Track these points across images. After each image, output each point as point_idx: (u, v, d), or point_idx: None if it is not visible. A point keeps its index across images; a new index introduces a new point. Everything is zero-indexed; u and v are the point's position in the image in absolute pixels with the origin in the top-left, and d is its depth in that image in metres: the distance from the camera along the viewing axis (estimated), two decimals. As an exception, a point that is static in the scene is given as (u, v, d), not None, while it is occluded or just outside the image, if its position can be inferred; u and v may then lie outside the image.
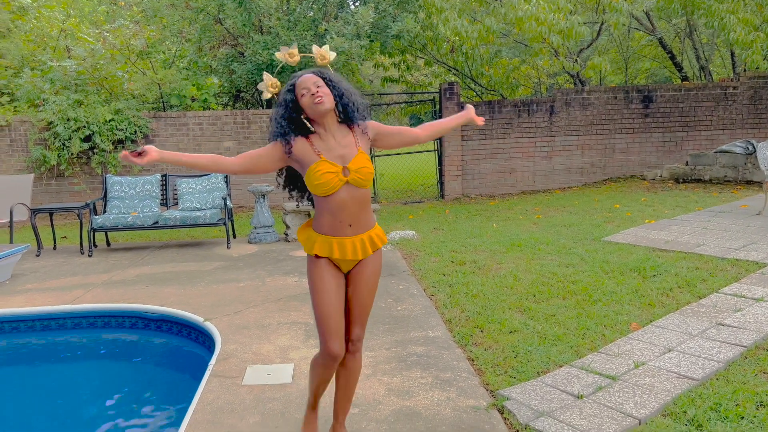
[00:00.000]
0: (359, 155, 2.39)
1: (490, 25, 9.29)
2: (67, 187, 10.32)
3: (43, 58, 11.12)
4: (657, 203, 8.73)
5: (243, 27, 10.59)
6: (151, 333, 4.72)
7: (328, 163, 2.33)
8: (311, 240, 2.44)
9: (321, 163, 2.32)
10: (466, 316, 4.34)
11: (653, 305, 4.37)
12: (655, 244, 6.14)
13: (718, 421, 2.75)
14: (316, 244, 2.42)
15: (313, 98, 2.32)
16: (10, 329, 4.79)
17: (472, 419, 2.86)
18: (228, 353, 3.77)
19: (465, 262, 5.84)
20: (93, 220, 6.89)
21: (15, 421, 3.46)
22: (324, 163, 2.32)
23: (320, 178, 2.31)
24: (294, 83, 2.40)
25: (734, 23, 8.66)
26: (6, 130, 10.01)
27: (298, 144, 2.39)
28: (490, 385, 3.24)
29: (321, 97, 2.31)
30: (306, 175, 2.37)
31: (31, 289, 5.50)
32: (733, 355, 3.45)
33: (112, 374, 4.17)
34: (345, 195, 2.35)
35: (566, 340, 3.79)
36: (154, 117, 10.48)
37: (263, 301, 4.90)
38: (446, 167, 11.19)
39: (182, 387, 3.75)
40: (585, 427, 2.75)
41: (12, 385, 4.01)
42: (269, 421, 2.90)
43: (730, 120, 11.33)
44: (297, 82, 2.38)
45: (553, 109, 11.20)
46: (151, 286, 5.48)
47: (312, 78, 2.37)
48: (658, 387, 3.10)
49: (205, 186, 7.57)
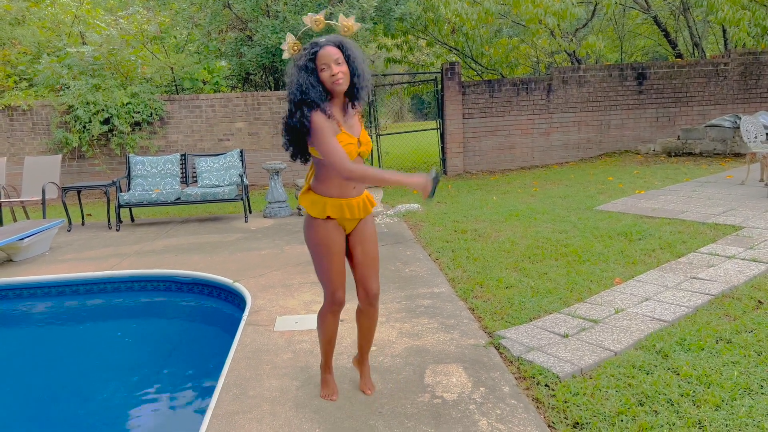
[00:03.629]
0: (363, 131, 2.66)
1: (489, 7, 9.69)
2: (87, 168, 10.83)
3: (58, 44, 11.55)
4: (648, 175, 9.20)
5: (251, 11, 11.00)
6: (184, 294, 5.25)
7: (347, 134, 2.52)
8: (319, 203, 2.59)
9: (342, 135, 2.49)
10: (467, 275, 4.84)
11: (636, 263, 4.86)
12: (642, 211, 6.62)
13: (682, 352, 3.25)
14: (327, 206, 2.58)
15: (333, 78, 2.43)
16: (57, 293, 5.32)
17: (472, 353, 3.38)
18: (258, 307, 4.29)
19: (466, 231, 6.34)
20: (120, 197, 7.40)
21: (82, 368, 3.99)
22: (344, 134, 2.51)
23: (343, 149, 2.47)
24: (316, 52, 2.46)
25: (722, 2, 9.04)
26: (28, 114, 10.49)
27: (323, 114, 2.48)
28: (488, 328, 3.76)
29: (340, 79, 2.45)
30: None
31: (70, 258, 6.03)
32: (702, 302, 3.93)
33: (154, 329, 4.71)
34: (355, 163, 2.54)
35: (556, 293, 4.29)
36: (168, 100, 10.94)
37: (284, 265, 5.42)
38: (448, 145, 11.64)
39: (219, 337, 4.27)
40: (568, 358, 3.25)
41: (73, 340, 4.54)
42: (300, 356, 3.42)
43: (721, 95, 11.74)
44: (319, 53, 2.45)
45: (550, 87, 11.62)
46: (179, 255, 6.00)
47: (334, 53, 2.44)
48: (634, 327, 3.61)
49: (222, 164, 8.06)
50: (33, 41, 12.24)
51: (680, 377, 2.96)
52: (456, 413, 2.73)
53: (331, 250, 2.65)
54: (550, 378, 3.04)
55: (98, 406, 3.40)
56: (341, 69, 2.46)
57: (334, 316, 2.83)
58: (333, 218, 2.63)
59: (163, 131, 10.97)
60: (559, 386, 2.95)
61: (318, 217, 2.62)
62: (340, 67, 2.46)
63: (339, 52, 2.47)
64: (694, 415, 2.62)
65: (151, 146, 10.84)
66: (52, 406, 3.41)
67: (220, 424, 2.70)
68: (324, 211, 2.60)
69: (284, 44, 2.65)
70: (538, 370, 3.11)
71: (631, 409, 2.69)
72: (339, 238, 2.66)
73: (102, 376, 3.78)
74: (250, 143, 11.21)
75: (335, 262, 2.67)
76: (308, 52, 2.48)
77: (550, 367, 3.12)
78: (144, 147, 10.79)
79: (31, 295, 5.30)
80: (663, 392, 2.82)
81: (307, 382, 3.09)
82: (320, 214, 2.61)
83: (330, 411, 2.79)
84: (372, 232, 2.78)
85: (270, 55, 11.47)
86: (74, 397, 3.52)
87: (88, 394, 3.55)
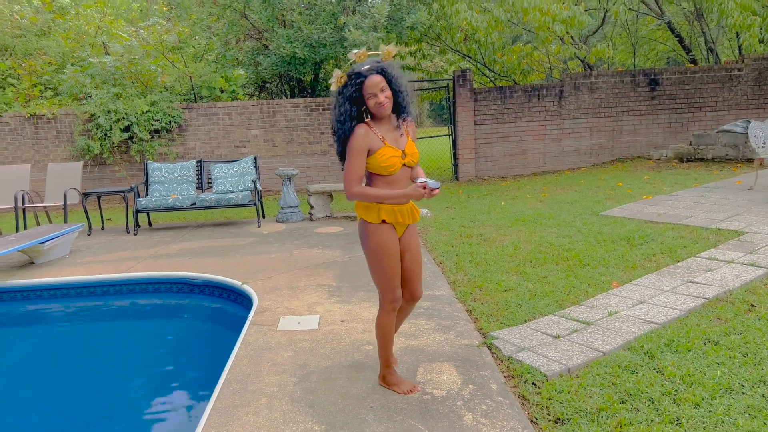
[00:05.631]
0: (410, 142, 2.91)
1: (499, 15, 9.81)
2: (108, 174, 11.17)
3: (82, 54, 11.94)
4: (658, 181, 9.22)
5: (267, 21, 11.26)
6: (195, 296, 5.45)
7: (391, 148, 2.80)
8: (373, 209, 2.84)
9: (386, 149, 2.78)
10: (468, 278, 4.96)
11: (635, 267, 4.93)
12: (648, 217, 6.68)
13: (669, 353, 3.34)
14: (381, 212, 2.83)
15: (378, 105, 2.74)
16: (75, 294, 5.57)
17: (465, 353, 3.50)
18: (264, 308, 4.47)
19: (472, 235, 6.46)
20: (137, 202, 7.66)
21: (97, 364, 4.21)
22: (388, 148, 2.79)
23: (387, 161, 2.77)
24: (362, 82, 2.75)
25: (732, 8, 9.05)
26: (53, 122, 10.87)
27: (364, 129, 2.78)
28: (483, 329, 3.88)
29: (384, 104, 2.75)
30: (372, 156, 2.78)
31: (89, 261, 6.28)
32: (695, 305, 4.00)
33: (165, 329, 4.91)
34: (401, 173, 2.85)
35: (553, 296, 4.39)
36: (186, 108, 11.24)
37: (292, 268, 5.60)
38: (460, 150, 11.76)
39: (226, 336, 4.45)
40: (558, 357, 3.36)
41: (90, 337, 4.76)
42: (300, 355, 3.58)
43: (735, 101, 11.69)
44: (365, 84, 2.74)
45: (562, 94, 11.69)
46: (192, 258, 6.21)
47: (378, 81, 2.73)
48: (625, 329, 3.70)
49: (237, 170, 8.29)
50: (58, 52, 12.67)
51: (664, 377, 3.05)
52: (443, 408, 2.86)
53: (390, 251, 2.88)
54: (537, 376, 3.15)
55: (111, 397, 3.60)
56: (385, 95, 2.76)
57: (395, 314, 3.00)
58: (387, 222, 2.88)
59: (181, 138, 11.26)
60: (545, 384, 3.06)
61: (373, 222, 2.86)
62: (384, 93, 2.76)
63: (382, 79, 2.76)
64: (673, 412, 2.72)
65: (170, 153, 11.14)
66: (71, 395, 3.62)
67: (220, 416, 2.87)
68: (378, 215, 2.84)
69: (332, 80, 2.91)
70: (526, 369, 3.23)
71: (612, 406, 2.80)
72: (394, 239, 2.90)
73: (114, 370, 3.98)
74: (266, 150, 11.45)
75: (394, 263, 2.90)
76: (354, 83, 2.77)
77: (539, 367, 3.24)
78: (163, 154, 11.10)
79: (51, 296, 5.55)
80: (645, 391, 2.92)
81: (304, 378, 3.25)
82: (375, 219, 2.85)
83: (323, 405, 2.94)
84: (417, 241, 3.05)
85: (285, 64, 11.72)
86: (90, 388, 3.73)
87: (103, 386, 3.75)
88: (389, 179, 2.83)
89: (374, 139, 2.79)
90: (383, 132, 2.84)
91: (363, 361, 3.44)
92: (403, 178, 2.88)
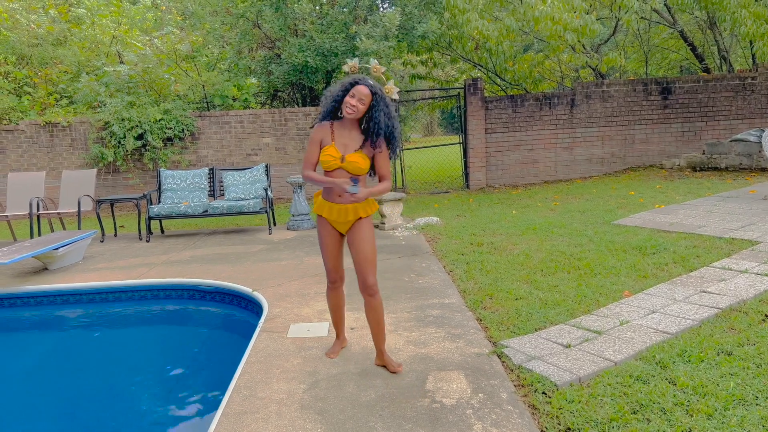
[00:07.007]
0: (357, 155, 3.17)
1: (510, 24, 9.83)
2: (121, 181, 11.28)
3: (97, 63, 12.10)
4: (671, 190, 9.15)
5: (279, 31, 11.36)
6: (206, 302, 5.48)
7: (335, 149, 3.17)
8: (317, 202, 3.32)
9: (330, 147, 3.17)
10: (478, 287, 4.95)
11: (647, 277, 4.90)
12: (660, 226, 6.63)
13: (681, 363, 3.30)
14: (320, 206, 3.29)
15: (346, 107, 3.11)
16: (87, 300, 5.61)
17: (475, 361, 3.49)
18: (274, 315, 4.48)
19: (483, 244, 6.44)
20: (150, 210, 7.72)
21: (108, 369, 4.24)
22: (332, 148, 3.17)
23: (325, 157, 3.17)
24: (354, 84, 3.12)
25: (745, 17, 9.01)
26: (68, 130, 11.01)
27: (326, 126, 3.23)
28: (493, 338, 3.86)
29: (351, 111, 3.11)
30: (321, 150, 3.20)
31: (102, 267, 6.33)
32: (708, 315, 3.96)
33: (177, 335, 4.93)
34: (337, 173, 3.19)
35: (564, 305, 4.37)
36: (199, 116, 11.34)
37: (302, 276, 5.61)
38: (471, 159, 11.76)
39: (236, 343, 4.46)
40: (568, 367, 3.34)
41: (102, 343, 4.80)
42: (309, 362, 3.59)
43: (749, 110, 11.60)
44: (355, 88, 3.10)
45: (573, 102, 11.66)
46: (204, 264, 6.25)
47: (365, 93, 3.09)
48: (637, 339, 3.66)
49: (248, 178, 8.34)
50: (74, 60, 12.84)
51: (676, 387, 3.02)
52: (453, 417, 2.85)
53: (323, 242, 3.38)
54: (547, 386, 3.13)
55: (122, 403, 3.62)
56: (357, 105, 3.10)
57: (332, 292, 3.57)
58: (324, 217, 3.31)
59: (194, 146, 11.36)
60: (556, 394, 3.04)
61: (315, 213, 3.36)
62: (359, 103, 3.10)
63: (369, 95, 3.11)
64: (685, 423, 2.69)
65: (183, 161, 11.23)
66: (82, 401, 3.65)
67: (230, 423, 2.88)
68: (319, 209, 3.31)
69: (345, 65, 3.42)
70: (536, 378, 3.20)
71: (623, 417, 2.77)
72: (327, 233, 3.35)
73: (126, 376, 4.01)
74: (277, 158, 11.52)
75: (326, 252, 3.40)
76: (348, 82, 3.16)
77: (549, 376, 3.21)
78: (175, 161, 11.20)
79: (65, 302, 5.60)
80: (657, 401, 2.89)
81: (313, 385, 3.25)
82: (317, 211, 3.34)
83: (332, 413, 2.94)
84: (365, 236, 3.29)
85: (297, 73, 11.80)
86: (101, 393, 3.75)
87: (113, 391, 3.78)
88: (329, 174, 3.21)
89: (327, 135, 3.21)
90: (339, 133, 3.21)
91: (372, 369, 3.44)
92: (341, 177, 3.18)
